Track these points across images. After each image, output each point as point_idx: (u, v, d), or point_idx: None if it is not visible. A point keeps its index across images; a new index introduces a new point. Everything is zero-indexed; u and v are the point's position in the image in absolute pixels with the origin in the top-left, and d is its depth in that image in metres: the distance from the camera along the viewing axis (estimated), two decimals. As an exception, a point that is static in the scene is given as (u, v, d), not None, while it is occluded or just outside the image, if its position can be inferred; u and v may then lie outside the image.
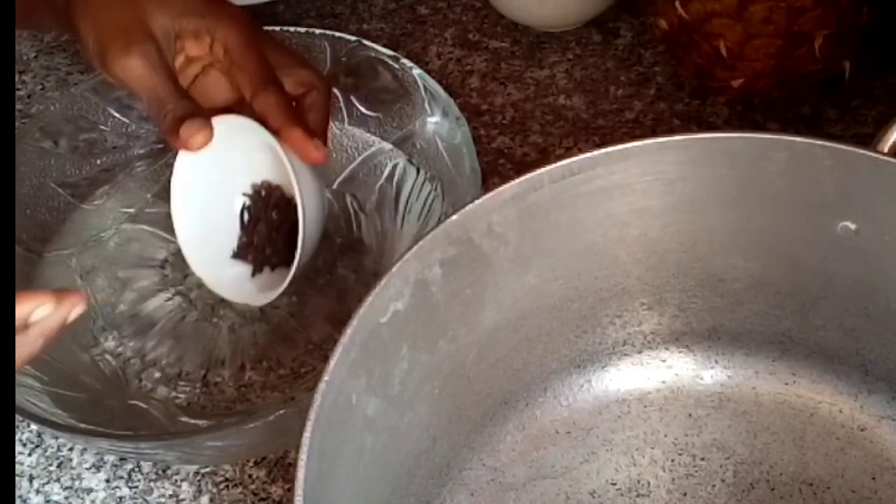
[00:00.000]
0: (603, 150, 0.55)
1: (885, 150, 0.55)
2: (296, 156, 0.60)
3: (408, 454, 0.56)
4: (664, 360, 0.62)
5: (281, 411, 0.56)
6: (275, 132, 0.59)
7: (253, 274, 0.65)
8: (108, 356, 0.68)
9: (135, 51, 0.57)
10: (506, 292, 0.57)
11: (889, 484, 0.58)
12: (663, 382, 0.62)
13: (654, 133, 0.74)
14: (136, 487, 0.64)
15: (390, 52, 0.72)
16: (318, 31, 0.74)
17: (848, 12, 0.67)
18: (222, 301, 0.69)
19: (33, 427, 0.67)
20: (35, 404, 0.62)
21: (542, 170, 0.55)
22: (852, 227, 0.55)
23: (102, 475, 0.65)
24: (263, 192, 0.65)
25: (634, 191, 0.56)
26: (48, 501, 0.65)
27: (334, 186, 0.73)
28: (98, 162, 0.75)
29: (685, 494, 0.59)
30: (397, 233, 0.71)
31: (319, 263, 0.70)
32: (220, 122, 0.60)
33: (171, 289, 0.71)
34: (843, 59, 0.69)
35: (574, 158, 0.55)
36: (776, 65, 0.69)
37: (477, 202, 0.55)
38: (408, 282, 0.53)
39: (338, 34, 0.73)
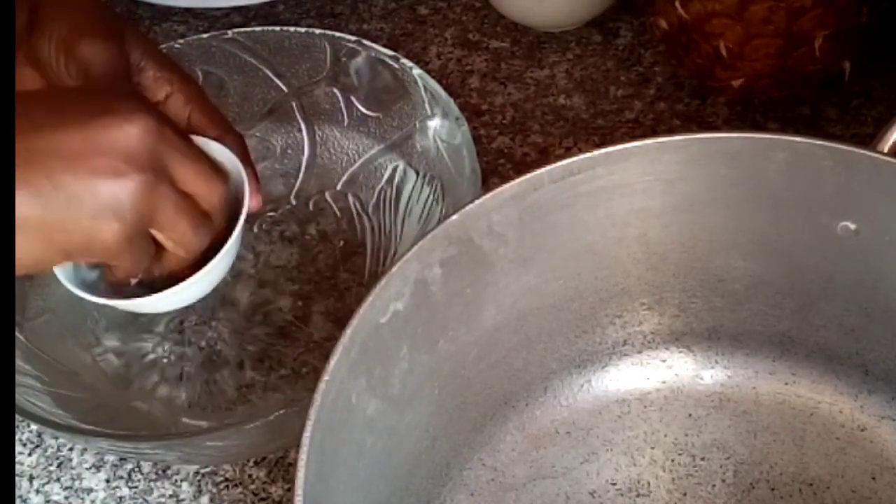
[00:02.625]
0: (603, 150, 0.55)
1: (885, 150, 0.55)
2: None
3: (408, 454, 0.57)
4: (664, 360, 0.62)
5: (281, 411, 0.56)
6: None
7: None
8: (109, 356, 0.68)
9: (112, 40, 0.57)
10: (506, 292, 0.57)
11: (889, 484, 0.58)
12: (663, 382, 0.62)
13: (654, 133, 0.74)
14: (136, 487, 0.64)
15: (390, 52, 0.72)
16: (318, 31, 0.74)
17: (848, 12, 0.67)
18: (223, 304, 0.69)
19: (33, 427, 0.67)
20: (35, 404, 0.62)
21: (542, 170, 0.55)
22: (852, 227, 0.55)
23: (102, 475, 0.65)
24: None
25: (634, 191, 0.56)
26: (48, 501, 0.65)
27: (337, 188, 0.73)
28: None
29: (685, 494, 0.59)
30: (398, 234, 0.71)
31: (322, 265, 0.70)
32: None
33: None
34: (843, 59, 0.69)
35: (574, 158, 0.55)
36: (776, 65, 0.69)
37: (477, 202, 0.55)
38: (408, 282, 0.53)
39: (338, 34, 0.73)
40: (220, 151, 0.58)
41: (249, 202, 0.58)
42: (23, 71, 0.58)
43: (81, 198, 0.49)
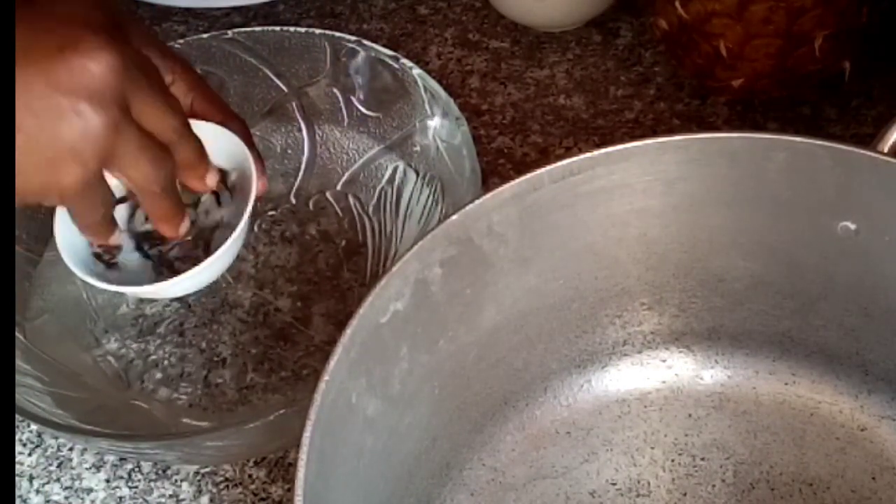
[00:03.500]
0: (603, 150, 0.55)
1: (885, 150, 0.55)
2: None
3: (408, 454, 0.57)
4: (664, 360, 0.62)
5: (281, 411, 0.56)
6: None
7: (159, 270, 0.60)
8: (110, 357, 0.68)
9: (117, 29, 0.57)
10: (506, 292, 0.57)
11: (889, 484, 0.58)
12: (663, 382, 0.62)
13: (654, 133, 0.74)
14: (136, 487, 0.64)
15: (390, 52, 0.72)
16: (318, 31, 0.74)
17: (848, 12, 0.67)
18: (223, 306, 0.69)
19: (33, 427, 0.67)
20: (35, 404, 0.62)
21: (542, 170, 0.55)
22: (852, 227, 0.55)
23: (102, 475, 0.65)
24: None
25: (634, 191, 0.56)
26: (48, 501, 0.65)
27: (337, 188, 0.74)
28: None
29: (685, 494, 0.59)
30: (398, 234, 0.71)
31: (322, 265, 0.70)
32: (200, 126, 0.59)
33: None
34: (843, 59, 0.69)
35: (574, 158, 0.55)
36: (776, 65, 0.69)
37: (477, 202, 0.55)
38: (408, 282, 0.53)
39: (338, 34, 0.73)
40: (225, 135, 0.58)
41: (256, 185, 0.58)
42: None
43: (40, 141, 0.47)
